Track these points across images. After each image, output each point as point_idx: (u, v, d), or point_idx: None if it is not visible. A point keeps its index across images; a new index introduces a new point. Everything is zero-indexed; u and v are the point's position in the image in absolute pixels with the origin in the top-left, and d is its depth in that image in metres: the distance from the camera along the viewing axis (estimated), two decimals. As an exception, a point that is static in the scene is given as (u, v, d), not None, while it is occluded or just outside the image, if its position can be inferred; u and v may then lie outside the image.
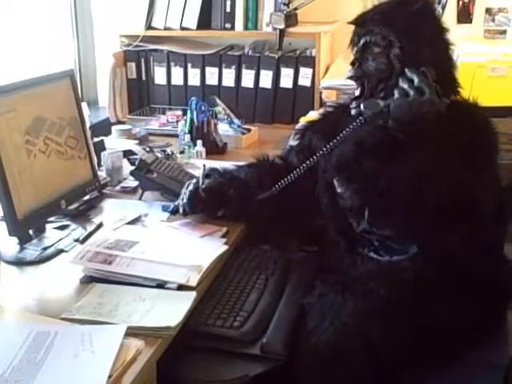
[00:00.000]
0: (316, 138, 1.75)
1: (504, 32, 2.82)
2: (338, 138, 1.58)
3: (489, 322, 1.56)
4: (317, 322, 1.46)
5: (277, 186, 1.67)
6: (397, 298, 1.48)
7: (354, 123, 1.55)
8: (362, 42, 1.61)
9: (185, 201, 1.71)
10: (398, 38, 1.56)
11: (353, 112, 1.60)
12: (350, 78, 1.65)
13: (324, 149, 1.60)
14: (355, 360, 1.41)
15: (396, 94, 1.51)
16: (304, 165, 1.63)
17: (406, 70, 1.51)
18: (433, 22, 1.64)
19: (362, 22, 1.63)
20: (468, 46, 2.66)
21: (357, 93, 1.64)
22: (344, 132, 1.56)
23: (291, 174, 1.65)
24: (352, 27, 1.66)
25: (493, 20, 2.82)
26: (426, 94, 1.47)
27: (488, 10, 2.82)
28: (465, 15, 2.85)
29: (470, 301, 1.51)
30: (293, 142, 1.88)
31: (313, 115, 2.35)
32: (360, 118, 1.55)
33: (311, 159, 1.62)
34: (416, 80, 1.48)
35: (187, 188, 1.73)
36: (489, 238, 1.60)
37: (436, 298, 1.50)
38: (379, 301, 1.48)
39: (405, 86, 1.50)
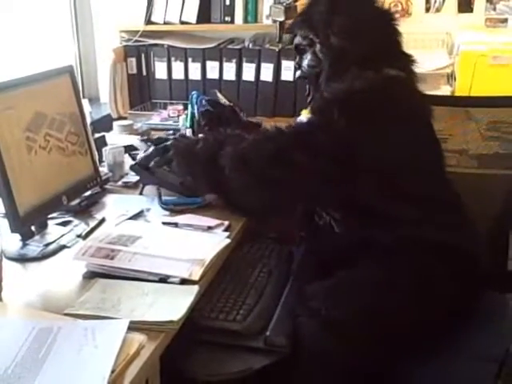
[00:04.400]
0: None
1: (505, 20, 2.80)
2: None
3: (462, 295, 1.54)
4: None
5: None
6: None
7: None
8: (293, 46, 1.79)
9: None
10: (316, 34, 1.67)
11: None
12: (298, 79, 1.86)
13: None
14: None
15: None
16: None
17: None
18: (348, 4, 1.69)
19: (291, 29, 1.81)
20: (469, 35, 2.65)
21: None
22: None
23: None
24: None
25: (494, 9, 2.80)
26: None
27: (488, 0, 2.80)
28: (466, 4, 2.83)
29: (437, 272, 1.51)
30: None
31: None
32: None
33: None
34: None
35: None
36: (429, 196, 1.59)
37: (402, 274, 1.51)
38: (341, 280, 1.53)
39: None
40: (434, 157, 1.70)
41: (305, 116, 2.06)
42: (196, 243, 1.57)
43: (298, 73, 1.80)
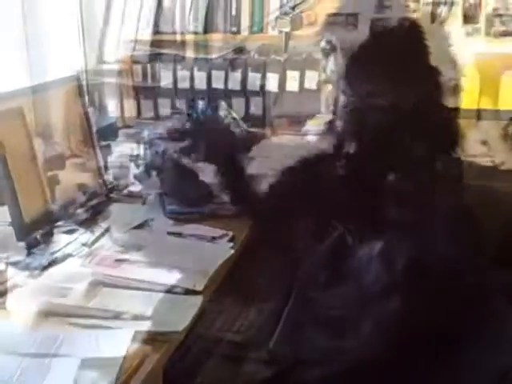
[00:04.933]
0: None
1: (511, 33, 2.80)
2: None
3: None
4: None
5: None
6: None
7: None
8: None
9: None
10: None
11: None
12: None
13: None
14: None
15: None
16: None
17: None
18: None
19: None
20: (475, 47, 2.65)
21: None
22: None
23: None
24: None
25: (500, 20, 2.80)
26: None
27: (495, 10, 2.80)
28: (471, 15, 2.83)
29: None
30: None
31: (320, 118, 2.35)
32: None
33: None
34: None
35: None
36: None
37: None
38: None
39: None
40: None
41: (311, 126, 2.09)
42: (200, 253, 1.57)
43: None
